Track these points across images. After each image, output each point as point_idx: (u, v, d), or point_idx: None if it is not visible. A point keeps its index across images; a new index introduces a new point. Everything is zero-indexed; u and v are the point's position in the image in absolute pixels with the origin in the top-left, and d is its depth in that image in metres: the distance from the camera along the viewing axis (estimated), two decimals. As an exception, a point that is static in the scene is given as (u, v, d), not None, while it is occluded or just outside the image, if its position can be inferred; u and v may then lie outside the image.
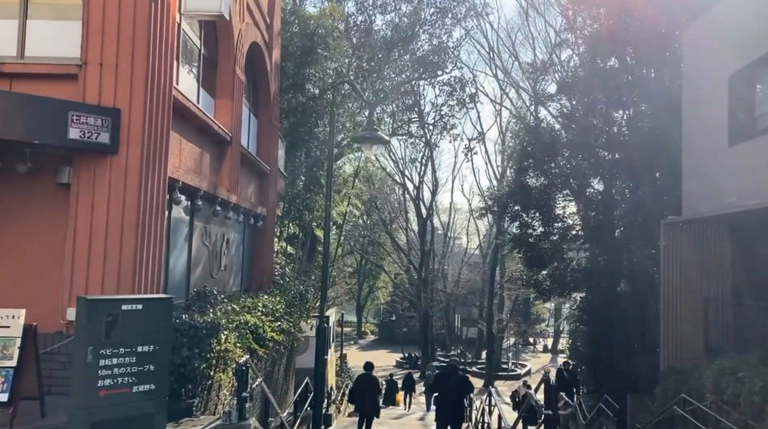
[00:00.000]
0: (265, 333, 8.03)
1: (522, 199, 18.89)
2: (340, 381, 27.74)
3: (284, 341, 9.84)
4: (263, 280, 13.67)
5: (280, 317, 9.01)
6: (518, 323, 50.79)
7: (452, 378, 10.59)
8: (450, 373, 10.71)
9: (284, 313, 9.97)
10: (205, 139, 9.30)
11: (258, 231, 13.77)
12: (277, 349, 10.29)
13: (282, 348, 10.41)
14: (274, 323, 8.57)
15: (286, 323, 9.42)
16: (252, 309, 8.35)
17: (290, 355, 12.23)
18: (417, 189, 43.90)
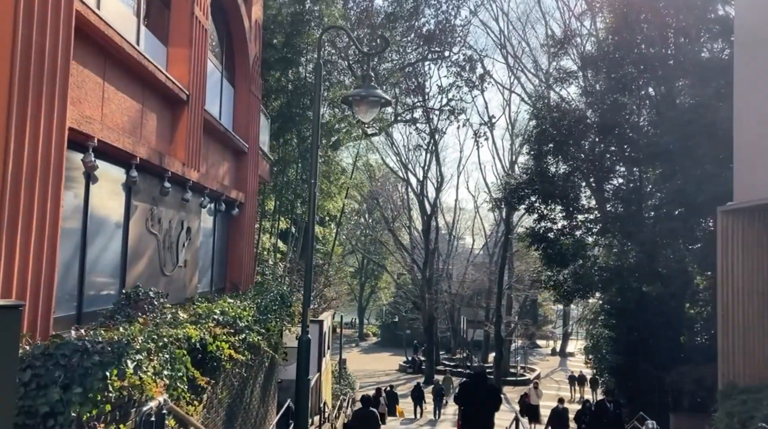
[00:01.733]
0: (220, 352, 5.80)
1: (542, 188, 16.64)
2: (339, 389, 25.47)
3: (252, 359, 7.59)
4: (241, 279, 11.47)
5: (246, 327, 6.76)
6: (527, 325, 48.49)
7: (480, 388, 8.38)
8: (478, 382, 8.48)
9: (256, 321, 7.72)
10: (148, 93, 7.09)
11: (234, 221, 11.56)
12: (250, 366, 8.06)
13: (255, 364, 8.18)
14: (234, 337, 6.32)
15: (256, 335, 7.16)
16: (204, 318, 6.11)
17: (270, 370, 9.99)
18: (421, 184, 41.65)
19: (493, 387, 8.65)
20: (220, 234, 11.11)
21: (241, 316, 6.81)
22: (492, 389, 8.61)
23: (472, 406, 8.26)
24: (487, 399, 8.34)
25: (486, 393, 8.34)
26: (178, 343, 5.06)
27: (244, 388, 7.93)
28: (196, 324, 5.81)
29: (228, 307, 6.90)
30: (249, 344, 6.96)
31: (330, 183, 21.79)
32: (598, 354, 18.39)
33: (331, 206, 23.08)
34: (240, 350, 6.49)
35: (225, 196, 10.36)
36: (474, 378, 8.49)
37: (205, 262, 10.30)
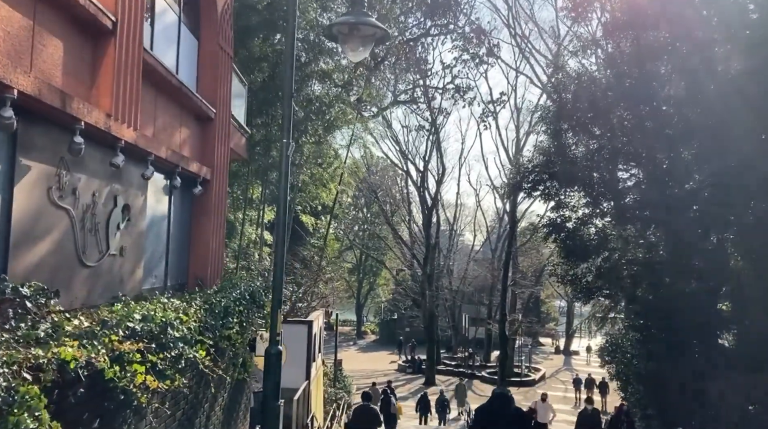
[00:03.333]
0: (127, 380, 3.72)
1: (562, 169, 14.54)
2: (333, 393, 23.38)
3: (197, 383, 5.53)
4: (207, 273, 9.39)
5: (181, 340, 4.67)
6: (531, 323, 46.52)
7: (502, 415, 6.33)
8: (500, 407, 6.41)
9: (206, 327, 5.65)
10: (43, 7, 5.00)
11: (197, 201, 9.48)
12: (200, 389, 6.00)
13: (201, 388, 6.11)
14: (158, 354, 4.23)
15: (200, 349, 5.08)
16: (111, 328, 4.02)
17: (239, 386, 7.93)
18: (422, 176, 39.54)
19: (520, 414, 6.56)
20: (179, 217, 9.03)
21: (173, 323, 4.71)
22: (519, 418, 6.52)
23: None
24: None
25: (510, 423, 6.28)
26: (32, 373, 2.98)
27: (192, 421, 5.86)
28: (91, 338, 3.72)
29: (157, 310, 4.81)
30: (186, 362, 4.88)
31: (322, 169, 19.69)
32: (622, 358, 16.32)
33: (324, 195, 20.99)
34: (168, 373, 4.40)
35: (182, 168, 8.28)
36: (495, 402, 6.42)
37: (157, 252, 8.22)
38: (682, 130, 13.88)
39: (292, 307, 16.18)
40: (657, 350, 14.46)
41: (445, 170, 39.32)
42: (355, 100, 20.56)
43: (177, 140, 8.48)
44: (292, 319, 15.35)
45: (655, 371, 14.30)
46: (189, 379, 5.28)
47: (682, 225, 13.67)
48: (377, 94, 19.98)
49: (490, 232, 50.04)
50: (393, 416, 22.59)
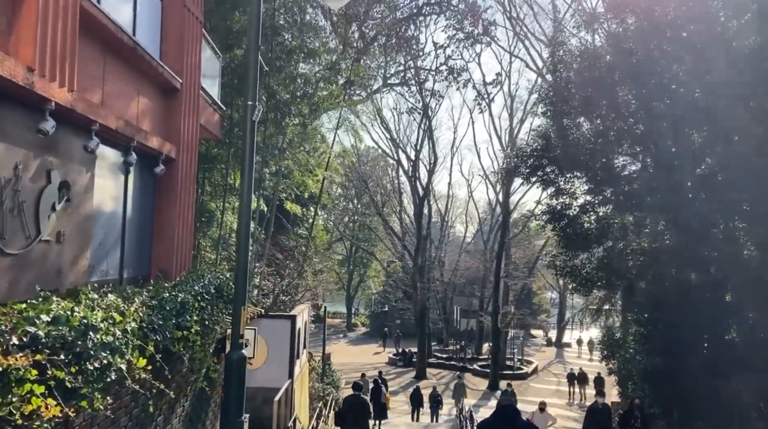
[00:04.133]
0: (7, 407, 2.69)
1: (564, 152, 13.56)
2: (321, 389, 22.40)
3: (123, 401, 4.49)
4: (173, 263, 8.34)
5: (108, 347, 3.61)
6: (523, 315, 45.85)
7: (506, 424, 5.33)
8: (508, 421, 5.40)
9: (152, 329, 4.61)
10: None
11: (161, 183, 8.40)
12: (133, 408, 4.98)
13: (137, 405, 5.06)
14: (72, 369, 3.19)
15: (141, 357, 4.04)
16: (3, 334, 2.97)
17: (202, 397, 6.89)
18: (413, 165, 38.48)
19: (525, 426, 5.55)
20: (138, 200, 7.95)
21: (97, 326, 3.66)
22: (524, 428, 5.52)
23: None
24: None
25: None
26: None
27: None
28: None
29: (79, 309, 3.75)
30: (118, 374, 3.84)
31: (308, 155, 18.58)
32: (624, 354, 15.46)
33: (311, 183, 19.89)
34: (84, 392, 3.36)
35: (139, 143, 7.20)
36: (501, 415, 5.42)
37: (109, 239, 7.15)
38: (691, 111, 12.94)
39: (274, 300, 15.15)
40: (662, 346, 13.61)
41: (437, 159, 38.34)
42: (343, 82, 19.47)
43: (133, 111, 7.40)
44: (274, 314, 14.35)
45: (660, 368, 13.45)
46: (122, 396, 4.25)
47: (690, 212, 12.77)
48: (366, 73, 18.88)
49: (482, 223, 49.23)
50: (383, 406, 21.92)
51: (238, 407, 4.90)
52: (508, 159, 16.42)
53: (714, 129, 12.77)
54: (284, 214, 19.55)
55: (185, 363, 6.00)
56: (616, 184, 13.72)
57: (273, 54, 14.81)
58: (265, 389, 13.18)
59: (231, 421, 4.89)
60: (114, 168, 7.22)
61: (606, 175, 13.61)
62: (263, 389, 13.34)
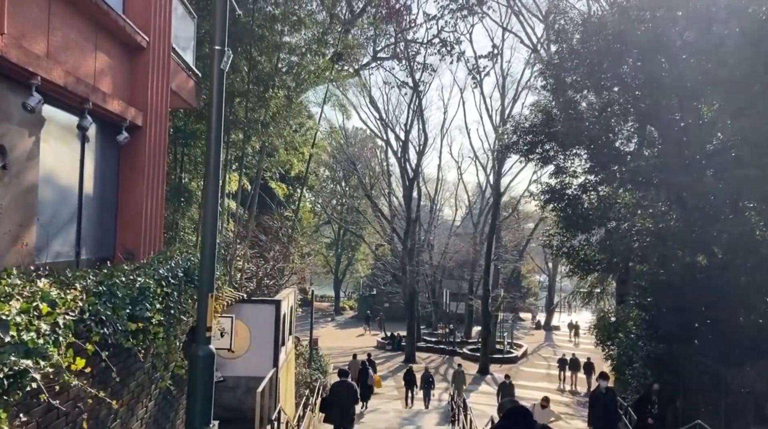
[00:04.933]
0: None
1: (565, 128, 12.73)
2: (309, 374, 21.68)
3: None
4: (140, 243, 7.43)
5: (15, 350, 2.74)
6: (513, 298, 45.48)
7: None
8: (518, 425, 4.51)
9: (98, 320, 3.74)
10: None
11: (125, 154, 7.46)
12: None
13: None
14: None
15: (77, 357, 3.17)
16: None
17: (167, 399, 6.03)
18: (403, 145, 37.53)
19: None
20: (99, 172, 7.01)
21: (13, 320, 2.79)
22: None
23: None
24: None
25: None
26: None
27: None
28: None
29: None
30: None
31: (294, 131, 17.59)
32: (624, 339, 14.84)
33: (296, 161, 18.93)
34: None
35: (96, 105, 6.24)
36: (512, 422, 4.57)
37: (62, 214, 6.23)
38: (702, 83, 12.15)
39: (258, 284, 14.29)
40: (666, 331, 12.98)
41: (427, 139, 37.41)
42: (331, 55, 18.45)
43: (88, 68, 6.42)
44: (257, 299, 13.49)
45: (664, 355, 12.84)
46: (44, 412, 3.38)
47: (698, 190, 12.06)
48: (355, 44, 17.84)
49: (472, 205, 48.59)
50: (370, 388, 21.44)
51: (204, 413, 4.07)
52: (505, 134, 15.56)
53: (726, 102, 12.00)
54: (269, 195, 18.60)
55: (147, 360, 5.14)
56: (620, 160, 12.95)
57: (255, 22, 13.77)
58: (248, 378, 12.38)
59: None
60: (67, 134, 6.27)
61: (610, 151, 12.84)
62: (246, 378, 12.54)
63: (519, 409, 4.69)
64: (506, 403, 4.80)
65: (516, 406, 4.76)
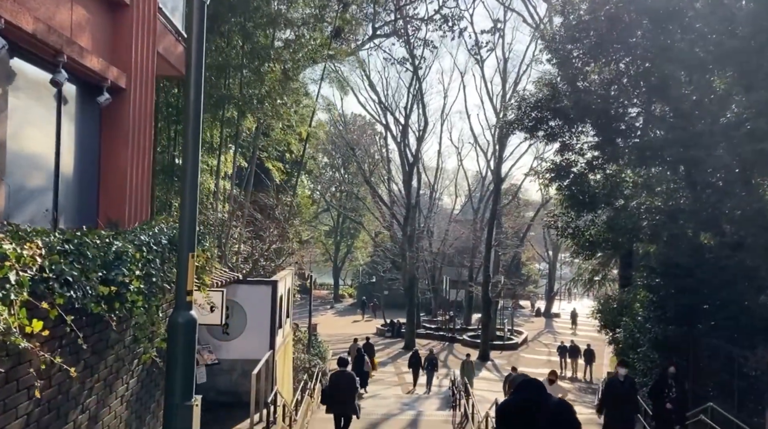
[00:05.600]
0: None
1: (573, 101, 12.23)
2: (307, 359, 21.33)
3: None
4: (124, 213, 6.98)
5: None
6: (513, 285, 45.19)
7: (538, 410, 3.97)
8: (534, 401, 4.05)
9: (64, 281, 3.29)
10: None
11: (107, 118, 6.98)
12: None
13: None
14: None
15: (33, 320, 2.72)
16: None
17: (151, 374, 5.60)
18: (403, 129, 36.95)
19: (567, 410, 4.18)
20: (79, 135, 6.54)
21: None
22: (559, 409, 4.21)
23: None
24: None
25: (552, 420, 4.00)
26: None
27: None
28: None
29: None
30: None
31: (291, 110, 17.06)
32: (631, 321, 14.44)
33: (293, 141, 18.40)
34: None
35: (72, 60, 5.76)
36: (526, 396, 4.07)
37: (35, 178, 5.77)
38: (715, 54, 11.64)
39: (254, 265, 13.85)
40: (675, 312, 12.58)
41: (428, 123, 36.85)
42: (330, 31, 17.90)
43: (64, 19, 5.92)
44: (253, 279, 13.06)
45: (673, 336, 12.44)
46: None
47: (710, 166, 11.59)
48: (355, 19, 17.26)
49: (472, 192, 48.14)
50: (366, 374, 21.19)
51: (185, 387, 3.63)
52: (509, 109, 15.04)
53: (740, 75, 11.49)
54: (266, 176, 18.12)
55: (128, 333, 4.70)
56: (628, 136, 12.48)
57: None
58: (244, 361, 12.00)
59: (176, 405, 3.61)
60: (43, 92, 5.79)
61: (618, 126, 12.35)
62: (242, 361, 12.17)
63: (532, 382, 4.27)
64: (517, 377, 4.37)
65: (529, 378, 4.34)
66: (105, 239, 4.48)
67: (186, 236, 3.72)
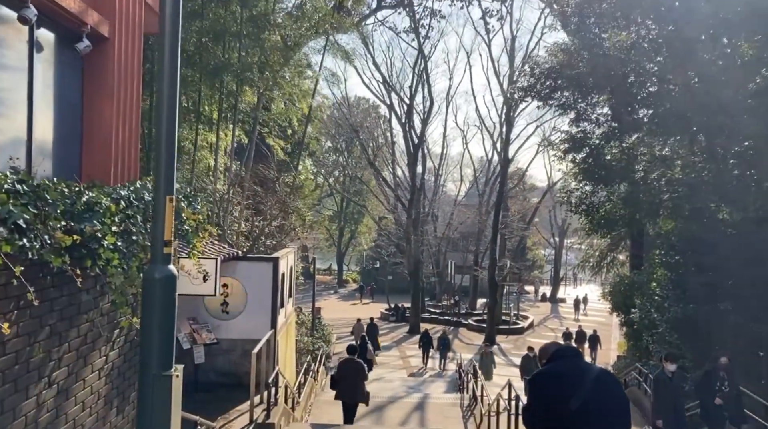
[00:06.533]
0: None
1: (589, 67, 11.52)
2: (311, 342, 20.89)
3: None
4: (109, 173, 6.39)
5: None
6: (519, 269, 44.74)
7: (581, 379, 3.48)
8: (573, 367, 3.48)
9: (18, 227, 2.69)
10: None
11: (89, 71, 6.36)
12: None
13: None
14: None
15: None
16: None
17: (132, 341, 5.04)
18: (408, 109, 36.17)
19: (617, 382, 3.54)
20: (59, 87, 5.94)
21: None
22: (601, 376, 3.50)
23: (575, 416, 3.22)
24: (602, 397, 3.31)
25: (597, 387, 3.33)
26: None
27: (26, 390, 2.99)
28: None
29: None
30: None
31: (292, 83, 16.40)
32: (648, 300, 13.85)
33: (295, 119, 17.74)
34: None
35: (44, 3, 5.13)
36: (565, 363, 3.47)
37: (5, 128, 5.18)
38: (743, 16, 10.90)
39: (254, 242, 13.28)
40: (697, 290, 11.98)
41: (433, 103, 36.09)
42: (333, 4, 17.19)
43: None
44: (253, 256, 12.51)
45: (694, 315, 11.85)
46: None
47: (739, 133, 10.90)
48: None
49: (477, 176, 47.50)
50: (369, 362, 20.83)
51: (163, 353, 3.06)
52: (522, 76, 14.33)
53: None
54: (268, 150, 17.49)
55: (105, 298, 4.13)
56: (649, 104, 11.77)
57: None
58: (244, 341, 11.46)
59: (152, 376, 3.04)
60: (10, 34, 5.17)
61: (639, 93, 11.65)
62: (242, 341, 11.63)
63: (570, 349, 3.69)
64: (550, 346, 3.77)
65: (565, 346, 3.75)
66: (74, 188, 3.89)
67: (163, 176, 3.12)
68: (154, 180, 3.15)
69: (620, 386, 3.59)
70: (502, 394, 10.32)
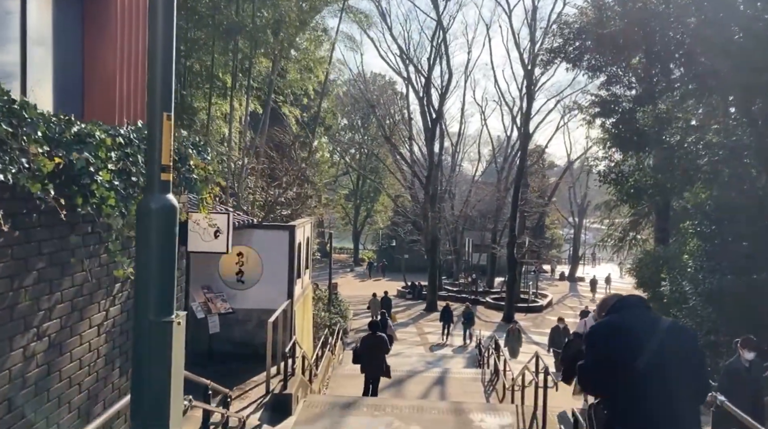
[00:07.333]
0: None
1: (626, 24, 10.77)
2: (328, 318, 20.60)
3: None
4: (113, 117, 5.97)
5: None
6: (538, 247, 44.11)
7: (648, 329, 2.85)
8: (641, 317, 2.93)
9: None
10: None
11: (89, 15, 5.90)
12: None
13: None
14: None
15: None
16: None
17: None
18: (426, 82, 35.32)
19: (676, 327, 3.02)
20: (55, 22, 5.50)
21: None
22: (675, 330, 2.94)
23: (647, 378, 2.67)
24: (685, 375, 2.74)
25: (669, 343, 2.77)
26: None
27: None
28: None
29: None
30: None
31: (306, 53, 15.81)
32: (679, 273, 13.23)
33: (311, 87, 17.18)
34: None
35: None
36: (633, 313, 2.92)
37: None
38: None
39: (270, 210, 12.87)
40: (733, 262, 11.35)
41: (452, 76, 35.22)
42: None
43: None
44: (269, 224, 12.11)
45: (730, 288, 11.23)
46: None
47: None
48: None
49: (496, 152, 46.71)
50: (390, 338, 20.60)
51: (163, 297, 2.61)
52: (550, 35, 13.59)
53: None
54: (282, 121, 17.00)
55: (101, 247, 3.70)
56: (687, 64, 11.03)
57: None
58: (260, 311, 11.10)
59: (148, 322, 2.60)
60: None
61: (676, 51, 10.91)
62: (258, 311, 11.27)
63: (636, 298, 3.17)
64: (611, 298, 3.25)
65: (629, 295, 3.24)
66: (67, 117, 3.44)
67: (159, 90, 2.65)
68: (148, 95, 2.69)
69: (696, 341, 3.07)
70: (529, 366, 9.86)
